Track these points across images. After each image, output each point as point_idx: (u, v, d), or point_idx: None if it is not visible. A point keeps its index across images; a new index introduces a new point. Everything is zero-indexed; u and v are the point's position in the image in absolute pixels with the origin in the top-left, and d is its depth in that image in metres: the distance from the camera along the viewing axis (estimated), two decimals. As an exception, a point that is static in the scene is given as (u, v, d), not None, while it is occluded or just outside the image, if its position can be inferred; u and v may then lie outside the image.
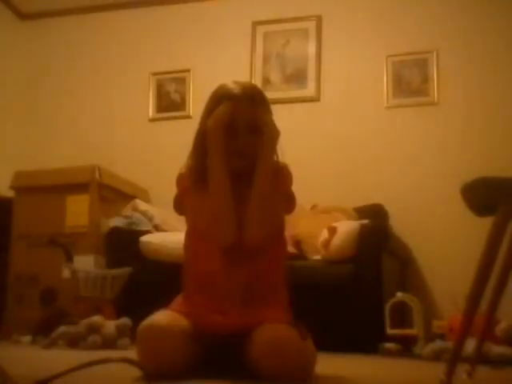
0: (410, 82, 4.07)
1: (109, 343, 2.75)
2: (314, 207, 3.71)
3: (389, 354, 2.77)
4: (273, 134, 1.55)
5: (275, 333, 1.39)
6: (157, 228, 3.70)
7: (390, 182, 3.91)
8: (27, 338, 3.16)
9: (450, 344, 2.33)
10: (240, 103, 1.53)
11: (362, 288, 3.04)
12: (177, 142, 4.57)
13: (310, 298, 2.84)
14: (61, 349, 2.77)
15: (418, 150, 3.95)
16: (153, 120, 4.50)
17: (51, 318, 3.13)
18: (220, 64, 4.28)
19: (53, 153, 4.46)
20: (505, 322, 2.50)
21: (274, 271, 1.61)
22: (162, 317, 1.45)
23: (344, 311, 2.97)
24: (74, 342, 2.80)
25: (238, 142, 1.52)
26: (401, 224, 3.70)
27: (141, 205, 3.80)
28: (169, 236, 3.41)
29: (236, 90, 1.55)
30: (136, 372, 1.31)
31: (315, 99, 4.22)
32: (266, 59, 4.36)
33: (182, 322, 1.45)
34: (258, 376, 1.38)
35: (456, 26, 4.03)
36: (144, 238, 3.46)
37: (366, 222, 3.25)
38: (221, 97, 1.56)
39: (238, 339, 1.43)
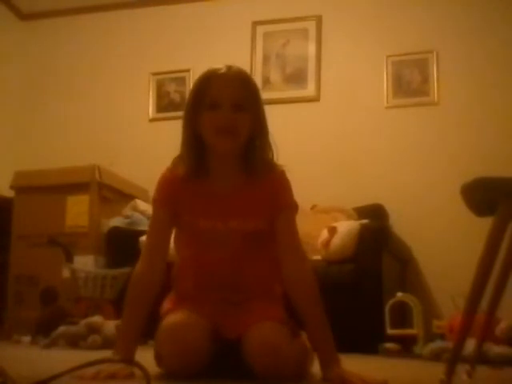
0: (410, 81, 4.07)
1: (109, 343, 2.75)
2: (313, 207, 3.71)
3: (389, 354, 2.77)
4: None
5: (264, 333, 1.37)
6: (157, 228, 3.69)
7: (390, 182, 3.91)
8: (27, 338, 3.16)
9: (450, 344, 2.33)
10: (225, 80, 1.49)
11: (362, 288, 3.04)
12: (177, 141, 4.57)
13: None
14: (61, 349, 2.77)
15: (418, 150, 3.95)
16: (153, 120, 4.50)
17: (51, 317, 3.13)
18: (220, 64, 4.27)
19: (53, 153, 4.45)
20: (505, 321, 2.50)
21: (261, 265, 1.55)
22: (184, 315, 1.42)
23: (344, 311, 2.97)
24: (73, 342, 2.80)
25: (222, 118, 1.45)
26: (401, 224, 3.70)
27: (141, 205, 3.80)
28: (169, 236, 3.41)
29: (223, 68, 1.52)
30: (136, 372, 1.31)
31: (315, 99, 4.22)
32: (265, 59, 4.37)
33: (201, 320, 1.42)
34: (255, 375, 1.37)
35: (456, 27, 4.03)
36: (144, 238, 3.45)
37: (365, 221, 3.25)
38: (206, 76, 1.51)
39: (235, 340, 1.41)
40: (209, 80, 1.50)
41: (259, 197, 1.52)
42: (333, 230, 3.16)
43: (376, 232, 3.16)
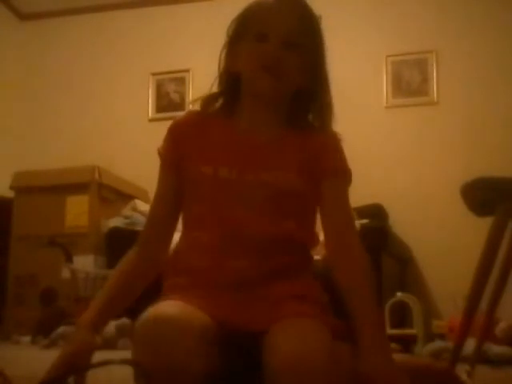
0: (410, 81, 4.07)
1: (108, 343, 2.75)
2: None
3: (389, 354, 2.76)
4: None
5: (294, 342, 0.96)
6: (156, 228, 3.69)
7: (390, 182, 3.91)
8: (27, 338, 3.16)
9: (449, 344, 2.33)
10: (279, 8, 1.19)
11: (362, 288, 3.04)
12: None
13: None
14: (60, 349, 2.77)
15: (418, 150, 3.95)
16: (152, 120, 4.49)
17: (51, 318, 3.13)
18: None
19: (53, 153, 4.45)
20: (505, 322, 2.50)
21: (296, 231, 1.19)
22: (171, 307, 1.01)
23: (344, 311, 2.97)
24: (73, 343, 2.79)
25: (267, 53, 1.15)
26: (401, 224, 3.69)
27: (140, 205, 3.80)
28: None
29: None
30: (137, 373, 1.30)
31: (315, 99, 4.21)
32: (265, 59, 4.36)
33: (200, 314, 1.01)
34: None
35: (456, 26, 4.03)
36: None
37: (365, 221, 3.25)
38: (258, 1, 1.24)
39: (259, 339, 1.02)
40: (259, 6, 1.23)
41: (301, 153, 1.19)
42: (333, 230, 3.15)
43: (375, 232, 3.16)
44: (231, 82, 1.22)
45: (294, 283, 1.16)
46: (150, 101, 4.53)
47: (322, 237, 1.40)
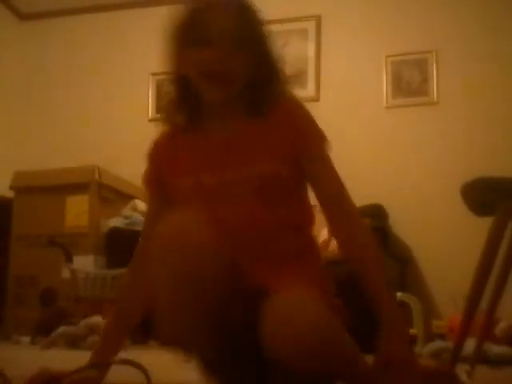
0: (410, 81, 4.07)
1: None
2: (313, 207, 3.71)
3: (389, 354, 2.76)
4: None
5: (290, 300, 0.98)
6: (156, 228, 3.69)
7: (390, 182, 3.91)
8: (27, 338, 3.16)
9: (449, 344, 2.33)
10: (216, 6, 1.15)
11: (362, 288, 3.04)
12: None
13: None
14: (60, 349, 2.77)
15: (418, 150, 3.95)
16: (152, 120, 4.49)
17: (51, 318, 3.13)
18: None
19: (52, 153, 4.45)
20: (505, 321, 2.50)
21: (292, 216, 1.20)
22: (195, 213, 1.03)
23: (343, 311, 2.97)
24: (73, 343, 2.80)
25: (209, 59, 1.10)
26: (401, 224, 3.69)
27: (140, 205, 3.80)
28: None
29: None
30: (137, 373, 1.30)
31: (315, 99, 4.21)
32: (265, 59, 4.36)
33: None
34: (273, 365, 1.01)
35: (456, 26, 4.03)
36: (144, 239, 3.45)
37: (365, 221, 3.25)
38: (193, 2, 1.19)
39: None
40: (194, 7, 1.18)
41: (272, 134, 1.16)
42: (333, 230, 3.15)
43: (375, 232, 3.16)
44: (185, 86, 1.20)
45: (294, 265, 1.17)
46: (150, 101, 4.53)
47: (321, 238, 1.39)
